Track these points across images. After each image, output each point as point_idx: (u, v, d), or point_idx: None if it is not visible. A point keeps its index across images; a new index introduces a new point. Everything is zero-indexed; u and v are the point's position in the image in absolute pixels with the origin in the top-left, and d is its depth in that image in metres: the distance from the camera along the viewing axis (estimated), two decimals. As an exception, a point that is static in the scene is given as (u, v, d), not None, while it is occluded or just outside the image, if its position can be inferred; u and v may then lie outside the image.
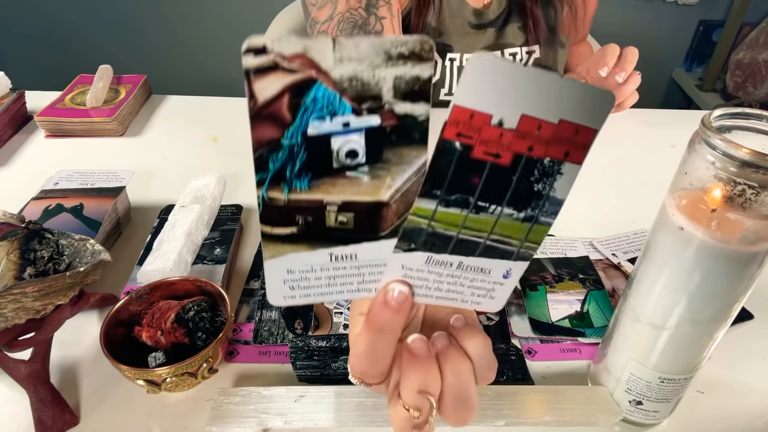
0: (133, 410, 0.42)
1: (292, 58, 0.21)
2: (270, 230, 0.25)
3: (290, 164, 0.24)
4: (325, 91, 0.22)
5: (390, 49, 0.21)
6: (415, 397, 0.27)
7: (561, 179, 0.24)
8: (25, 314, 0.36)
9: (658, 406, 0.39)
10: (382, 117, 0.23)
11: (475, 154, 0.23)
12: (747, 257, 0.31)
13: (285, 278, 0.27)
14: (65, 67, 1.48)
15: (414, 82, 0.22)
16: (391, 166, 0.24)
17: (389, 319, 0.26)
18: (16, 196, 0.62)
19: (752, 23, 1.82)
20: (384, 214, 0.25)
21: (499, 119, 0.22)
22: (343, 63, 0.21)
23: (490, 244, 0.26)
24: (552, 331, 0.49)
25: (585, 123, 0.22)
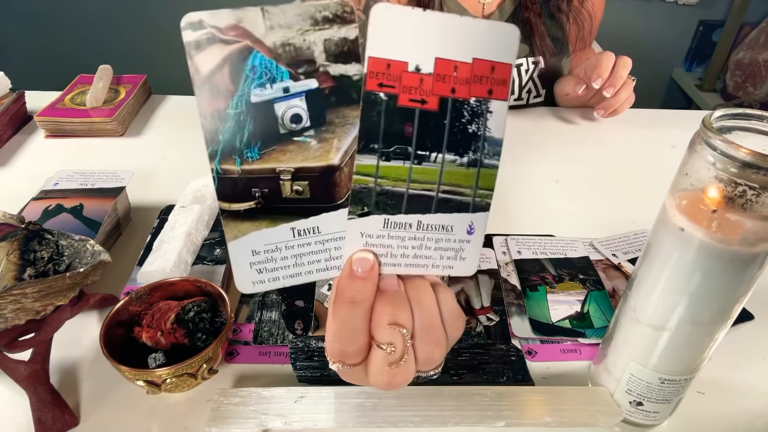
0: (133, 411, 0.42)
1: (227, 29, 0.22)
2: (228, 206, 0.26)
3: (239, 134, 0.24)
4: (262, 58, 0.23)
5: (314, 14, 0.23)
6: (387, 331, 0.27)
7: (492, 117, 0.25)
8: (24, 315, 0.36)
9: (659, 406, 0.39)
10: (318, 80, 0.24)
11: (401, 102, 0.24)
12: (747, 258, 0.31)
13: (251, 260, 0.27)
14: (65, 67, 1.47)
15: (342, 44, 0.23)
16: (336, 127, 0.25)
17: (358, 290, 0.26)
18: (16, 196, 0.62)
19: (752, 23, 1.82)
20: (338, 179, 0.26)
21: (416, 65, 0.23)
22: (274, 30, 0.22)
23: (443, 196, 0.26)
24: (552, 331, 0.49)
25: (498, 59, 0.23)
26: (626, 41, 1.92)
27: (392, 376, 0.28)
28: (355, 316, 0.27)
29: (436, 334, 0.28)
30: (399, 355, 0.27)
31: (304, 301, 0.50)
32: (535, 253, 0.58)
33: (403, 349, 0.27)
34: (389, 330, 0.27)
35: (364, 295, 0.27)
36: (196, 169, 0.71)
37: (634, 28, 1.92)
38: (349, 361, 0.28)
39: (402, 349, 0.27)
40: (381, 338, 0.27)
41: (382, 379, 0.28)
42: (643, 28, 1.93)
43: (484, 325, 0.49)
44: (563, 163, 0.76)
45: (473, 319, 0.50)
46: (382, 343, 0.27)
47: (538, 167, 0.74)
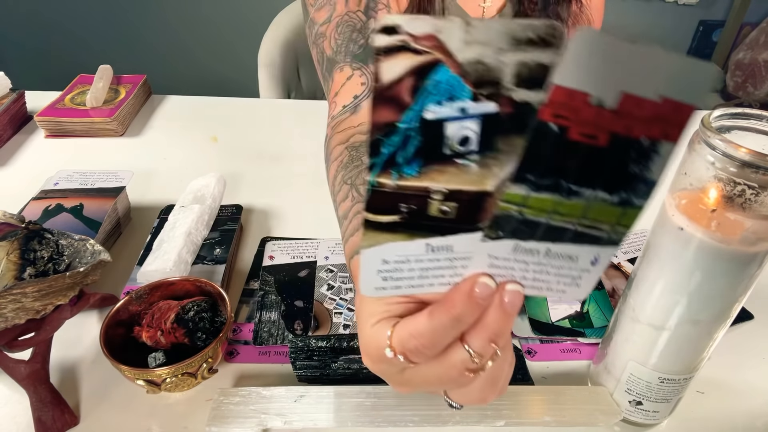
0: (133, 410, 0.42)
1: (422, 38, 0.21)
2: (373, 217, 0.25)
3: (403, 149, 0.23)
4: (448, 74, 0.22)
5: (518, 34, 0.21)
6: (485, 344, 0.27)
7: (656, 159, 0.23)
8: (25, 314, 0.36)
9: (658, 406, 0.39)
10: (499, 104, 0.22)
11: (571, 136, 0.22)
12: (747, 257, 0.31)
13: (379, 268, 0.26)
14: (65, 67, 1.48)
15: (536, 69, 0.21)
16: (501, 155, 0.23)
17: (468, 311, 0.26)
18: (16, 196, 0.62)
19: (752, 23, 1.82)
20: (486, 204, 0.25)
21: (599, 99, 0.21)
22: (470, 45, 0.21)
23: (581, 230, 0.25)
24: (552, 331, 0.49)
25: (686, 99, 0.21)
26: (626, 41, 1.92)
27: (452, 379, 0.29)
28: (451, 331, 0.27)
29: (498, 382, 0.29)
30: (482, 366, 0.28)
31: (304, 301, 0.50)
32: (534, 252, 0.58)
33: (487, 362, 0.28)
34: (487, 344, 0.27)
35: (471, 318, 0.27)
36: (196, 169, 0.71)
37: (634, 28, 1.92)
38: (413, 359, 0.29)
39: (486, 363, 0.28)
40: (476, 346, 0.27)
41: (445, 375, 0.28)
42: (643, 28, 1.93)
43: (483, 324, 0.49)
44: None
45: (473, 319, 0.50)
46: (475, 350, 0.27)
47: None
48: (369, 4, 0.64)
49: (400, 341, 0.28)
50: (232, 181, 0.67)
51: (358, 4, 0.64)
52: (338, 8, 0.64)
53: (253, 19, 1.88)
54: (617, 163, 0.23)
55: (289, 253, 0.56)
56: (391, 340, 0.29)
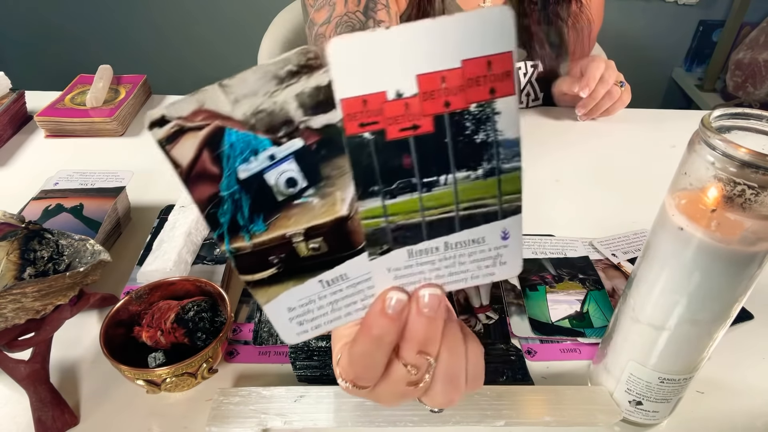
0: (133, 410, 0.42)
1: (192, 116, 0.21)
2: (252, 278, 0.25)
3: (239, 212, 0.23)
4: (237, 133, 0.22)
5: (277, 72, 0.21)
6: (416, 356, 0.27)
7: (501, 118, 0.22)
8: (25, 314, 0.36)
9: (658, 406, 0.39)
10: (303, 137, 0.22)
11: (391, 136, 0.21)
12: (747, 257, 0.31)
13: (288, 317, 0.26)
14: (65, 67, 1.48)
15: (316, 93, 0.21)
16: (335, 179, 0.23)
17: (387, 328, 0.26)
18: (16, 196, 0.62)
19: (752, 23, 1.82)
20: (351, 227, 0.24)
21: (396, 91, 0.20)
22: (240, 102, 0.21)
23: (464, 213, 0.24)
24: (552, 331, 0.49)
25: (493, 50, 0.20)
26: (626, 41, 1.93)
27: (405, 393, 0.28)
28: (378, 352, 0.27)
29: (458, 382, 0.29)
30: (420, 378, 0.28)
31: (304, 300, 0.50)
32: (534, 252, 0.58)
33: (425, 373, 0.28)
34: (418, 356, 0.27)
35: (392, 335, 0.26)
36: (196, 168, 0.71)
37: (634, 28, 1.92)
38: (361, 384, 0.29)
39: (423, 374, 0.28)
40: (409, 359, 0.27)
41: (396, 391, 0.28)
42: (643, 28, 1.93)
43: (483, 323, 0.49)
44: (563, 163, 0.76)
45: (473, 318, 0.50)
46: (408, 363, 0.27)
47: (538, 167, 0.74)
48: (368, 5, 0.64)
49: (344, 371, 0.29)
50: (232, 181, 0.67)
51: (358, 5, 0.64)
52: (338, 9, 0.64)
53: (253, 19, 1.88)
54: (457, 140, 0.22)
55: (289, 253, 0.56)
56: (338, 370, 0.29)
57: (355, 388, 0.29)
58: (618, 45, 1.60)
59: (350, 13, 0.64)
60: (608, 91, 0.79)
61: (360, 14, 0.64)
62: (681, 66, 2.04)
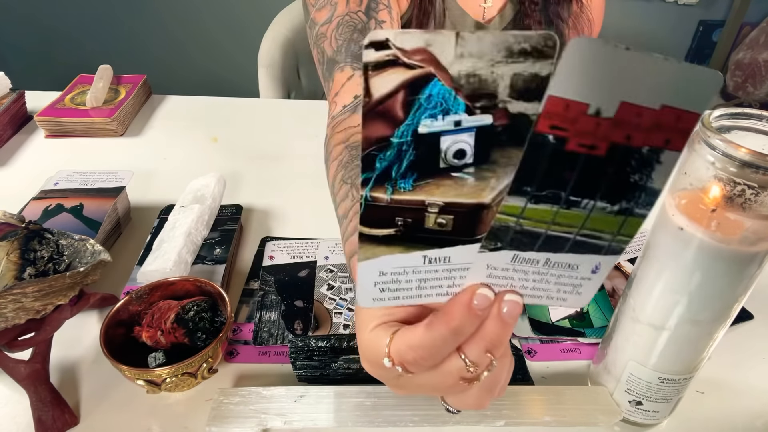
0: (133, 410, 0.42)
1: (413, 53, 0.20)
2: (368, 231, 0.25)
3: (397, 163, 0.23)
4: (441, 88, 0.21)
5: (512, 45, 0.20)
6: (481, 354, 0.27)
7: (660, 168, 0.22)
8: (25, 314, 0.36)
9: (658, 406, 0.39)
10: (494, 116, 0.22)
11: (570, 147, 0.21)
12: (747, 257, 0.31)
13: (376, 280, 0.26)
14: (65, 67, 1.48)
15: (532, 80, 0.21)
16: (498, 167, 0.23)
17: (467, 322, 0.26)
18: (16, 196, 0.62)
19: (752, 23, 1.82)
20: (484, 217, 0.24)
21: (596, 108, 0.20)
22: (463, 58, 0.20)
23: (580, 239, 0.24)
24: (552, 331, 0.49)
25: (689, 107, 0.20)
26: (626, 41, 1.92)
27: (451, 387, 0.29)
28: (450, 343, 0.27)
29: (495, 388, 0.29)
30: (476, 375, 0.28)
31: (304, 301, 0.50)
32: (534, 252, 0.58)
33: (483, 372, 0.28)
34: (482, 354, 0.27)
35: (470, 329, 0.26)
36: (196, 169, 0.71)
37: (634, 28, 1.92)
38: (410, 370, 0.28)
39: (481, 373, 0.28)
40: (473, 356, 0.27)
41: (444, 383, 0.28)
42: (643, 28, 1.93)
43: (483, 324, 0.49)
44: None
45: (473, 319, 0.50)
46: (471, 360, 0.27)
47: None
48: (370, 4, 0.64)
49: (398, 352, 0.28)
50: (232, 181, 0.67)
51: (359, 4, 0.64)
52: (339, 8, 0.64)
53: (253, 18, 1.88)
54: (617, 172, 0.22)
55: (289, 253, 0.56)
56: (390, 350, 0.29)
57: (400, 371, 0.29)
58: (618, 45, 1.60)
59: (352, 12, 0.64)
60: None
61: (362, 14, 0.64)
62: (681, 66, 2.04)
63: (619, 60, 0.19)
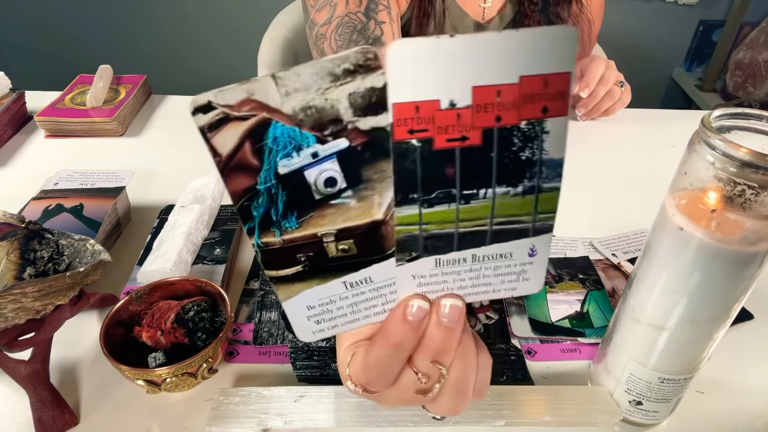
0: (133, 410, 0.42)
1: (239, 105, 0.20)
2: (276, 273, 0.25)
3: (273, 207, 0.23)
4: (283, 127, 0.21)
5: (333, 70, 0.20)
6: (429, 365, 0.27)
7: (549, 138, 0.21)
8: (25, 314, 0.36)
9: (658, 406, 0.39)
10: (349, 137, 0.22)
11: (438, 145, 0.21)
12: (747, 257, 0.31)
13: (307, 315, 0.26)
14: (65, 67, 1.48)
15: (370, 94, 0.21)
16: (375, 183, 0.23)
17: (407, 336, 0.26)
18: (16, 196, 0.62)
19: (752, 23, 1.82)
20: (384, 233, 0.24)
21: (450, 100, 0.20)
22: (290, 96, 0.20)
23: (498, 228, 0.24)
24: (552, 331, 0.49)
25: (552, 70, 0.20)
26: (626, 41, 1.93)
27: (411, 400, 0.29)
28: (395, 359, 0.27)
29: (466, 392, 0.29)
30: (430, 386, 0.28)
31: (304, 300, 0.50)
32: (534, 252, 0.58)
33: (436, 382, 0.28)
34: (431, 365, 0.27)
35: (411, 342, 0.26)
36: (196, 169, 0.71)
37: (634, 28, 1.92)
38: (372, 389, 0.29)
39: (434, 383, 0.28)
40: (421, 367, 0.27)
41: (403, 397, 0.29)
42: (643, 28, 1.93)
43: (483, 323, 0.49)
44: (563, 163, 0.76)
45: (472, 318, 0.50)
46: (420, 371, 0.27)
47: (538, 167, 0.74)
48: (369, 5, 0.64)
49: (355, 375, 0.29)
50: (232, 181, 0.67)
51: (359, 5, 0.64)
52: (338, 9, 0.64)
53: (253, 19, 1.88)
54: (501, 155, 0.22)
55: (289, 253, 0.56)
56: (350, 372, 0.29)
57: (364, 392, 0.29)
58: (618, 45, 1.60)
59: (351, 13, 0.63)
60: (608, 91, 0.79)
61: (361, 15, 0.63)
62: (681, 66, 2.04)
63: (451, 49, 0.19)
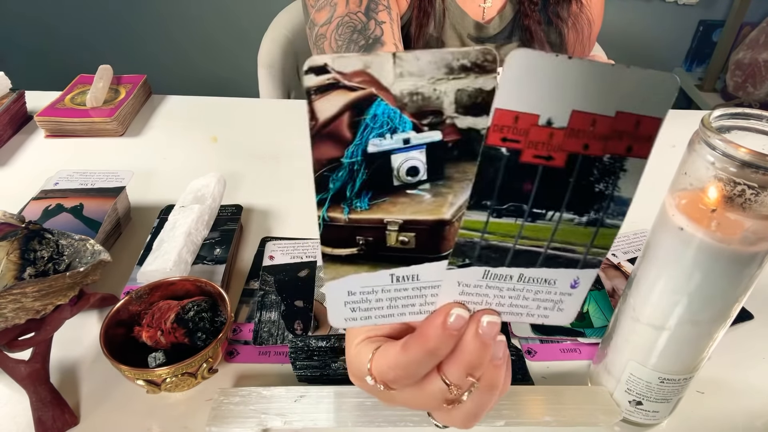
0: (133, 410, 0.42)
1: (353, 75, 0.21)
2: (330, 251, 0.25)
3: (350, 183, 0.23)
4: (386, 107, 0.21)
5: (451, 62, 0.20)
6: (462, 376, 0.27)
7: (625, 176, 0.22)
8: (25, 314, 0.36)
9: (658, 406, 0.39)
10: (443, 132, 0.22)
11: (525, 159, 0.21)
12: (747, 257, 0.31)
13: (346, 300, 0.26)
14: (65, 67, 1.48)
15: (477, 95, 0.21)
16: (454, 182, 0.23)
17: (443, 342, 0.26)
18: (16, 196, 0.62)
19: (752, 23, 1.82)
20: (447, 233, 0.24)
21: (548, 118, 0.20)
22: (403, 78, 0.21)
23: (552, 252, 0.24)
24: (552, 331, 0.49)
25: (646, 112, 0.20)
26: (626, 41, 1.93)
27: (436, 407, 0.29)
28: (426, 364, 0.27)
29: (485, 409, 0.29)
30: (457, 398, 0.28)
31: (304, 301, 0.50)
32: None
33: (464, 393, 0.28)
34: (463, 376, 0.27)
35: (446, 349, 0.26)
36: (196, 169, 0.71)
37: (634, 28, 1.92)
38: (392, 387, 0.29)
39: (462, 394, 0.28)
40: (453, 378, 0.27)
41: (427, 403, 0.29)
42: (643, 28, 1.93)
43: (483, 324, 0.49)
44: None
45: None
46: (450, 381, 0.27)
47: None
48: (369, 5, 0.64)
49: (379, 371, 0.29)
50: (232, 181, 0.67)
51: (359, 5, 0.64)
52: (339, 9, 0.64)
53: (253, 19, 1.88)
54: (579, 182, 0.22)
55: (289, 253, 0.56)
56: (371, 367, 0.29)
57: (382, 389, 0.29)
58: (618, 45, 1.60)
59: (351, 13, 0.63)
60: None
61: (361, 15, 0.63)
62: (681, 66, 2.04)
63: (564, 69, 0.19)
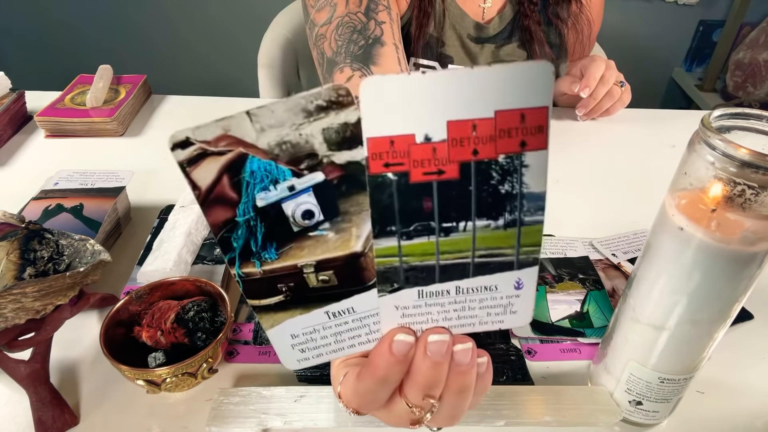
0: (133, 410, 0.42)
1: (216, 141, 0.21)
2: (258, 303, 0.25)
3: (252, 238, 0.23)
4: (259, 162, 0.22)
5: (306, 106, 0.21)
6: (419, 398, 0.27)
7: (529, 171, 0.22)
8: (25, 314, 0.36)
9: (658, 406, 0.39)
10: (325, 171, 0.22)
11: (415, 179, 0.21)
12: (747, 257, 0.31)
13: (291, 343, 0.27)
14: (65, 67, 1.48)
15: (344, 129, 0.21)
16: (352, 215, 0.23)
17: (392, 369, 0.26)
18: (16, 196, 0.62)
19: (752, 23, 1.82)
20: (363, 264, 0.24)
21: (425, 134, 0.20)
22: (265, 132, 0.21)
23: (480, 261, 0.24)
24: (552, 331, 0.49)
25: (528, 104, 0.20)
26: (626, 41, 1.93)
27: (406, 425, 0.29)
28: (382, 390, 0.27)
29: (459, 416, 0.29)
30: (421, 418, 0.28)
31: (304, 300, 0.50)
32: (534, 252, 0.58)
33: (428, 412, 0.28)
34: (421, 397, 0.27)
35: (397, 375, 0.26)
36: (196, 168, 0.71)
37: (634, 28, 1.92)
38: (361, 412, 0.29)
39: (426, 413, 0.28)
40: (410, 399, 0.27)
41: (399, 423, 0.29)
42: (643, 28, 1.93)
43: (483, 324, 0.49)
44: (563, 163, 0.76)
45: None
46: (411, 402, 0.28)
47: (538, 167, 0.74)
48: (369, 5, 0.64)
49: (345, 397, 0.30)
50: (232, 181, 0.67)
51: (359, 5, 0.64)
52: (338, 9, 0.64)
53: (253, 19, 1.88)
54: (481, 188, 0.22)
55: (289, 253, 0.56)
56: (340, 393, 0.30)
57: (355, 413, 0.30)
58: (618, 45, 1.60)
59: (351, 13, 0.63)
60: (608, 91, 0.79)
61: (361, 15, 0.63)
62: (681, 66, 2.04)
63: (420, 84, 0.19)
